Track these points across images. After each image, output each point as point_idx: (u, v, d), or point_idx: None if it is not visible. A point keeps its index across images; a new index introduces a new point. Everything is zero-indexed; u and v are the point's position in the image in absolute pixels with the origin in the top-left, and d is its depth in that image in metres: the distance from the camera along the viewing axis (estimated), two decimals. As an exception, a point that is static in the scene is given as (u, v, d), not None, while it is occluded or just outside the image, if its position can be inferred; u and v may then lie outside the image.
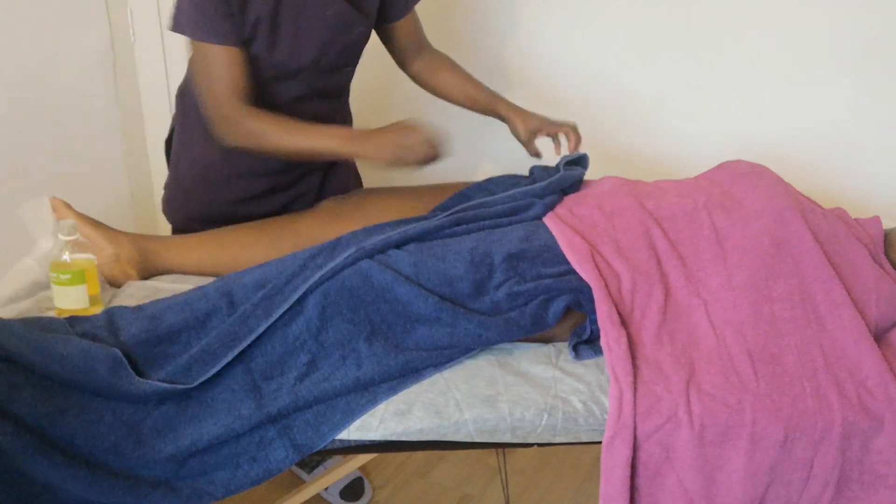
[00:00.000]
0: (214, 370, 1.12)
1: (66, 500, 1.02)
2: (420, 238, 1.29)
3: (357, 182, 1.71)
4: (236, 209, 1.52)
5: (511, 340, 1.24)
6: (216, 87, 1.33)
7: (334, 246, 1.28)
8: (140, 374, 1.11)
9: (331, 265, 1.20)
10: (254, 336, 1.15)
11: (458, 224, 1.33)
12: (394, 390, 1.13)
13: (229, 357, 1.13)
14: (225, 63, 1.33)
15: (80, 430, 1.04)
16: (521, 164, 1.65)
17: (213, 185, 1.52)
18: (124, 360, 1.10)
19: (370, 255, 1.23)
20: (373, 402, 1.12)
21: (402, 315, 1.19)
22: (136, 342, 1.14)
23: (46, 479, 1.01)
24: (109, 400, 1.09)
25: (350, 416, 1.10)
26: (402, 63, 1.63)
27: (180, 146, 1.53)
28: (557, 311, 1.21)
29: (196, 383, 1.11)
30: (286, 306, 1.17)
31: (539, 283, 1.22)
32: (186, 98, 1.49)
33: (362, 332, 1.17)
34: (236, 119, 1.34)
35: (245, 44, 1.34)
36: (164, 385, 1.09)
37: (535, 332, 1.23)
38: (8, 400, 1.03)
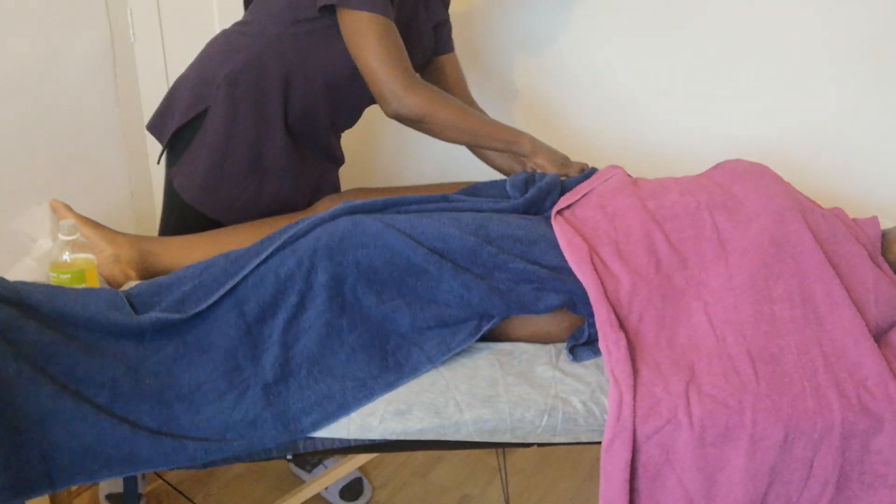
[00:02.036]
0: (207, 304, 1.16)
1: (51, 440, 1.02)
2: (411, 204, 1.34)
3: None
4: (282, 200, 1.54)
5: (492, 313, 1.23)
6: (396, 57, 1.40)
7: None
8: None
9: (322, 215, 1.24)
10: (246, 271, 1.18)
11: (445, 200, 1.37)
12: (390, 386, 1.14)
13: (221, 291, 1.16)
14: (397, 36, 1.41)
15: (83, 361, 1.08)
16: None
17: (269, 173, 1.52)
18: (123, 298, 1.16)
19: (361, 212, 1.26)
20: (368, 396, 1.12)
21: (389, 262, 1.19)
22: (138, 292, 1.21)
23: (35, 411, 1.03)
24: (111, 340, 1.12)
25: (345, 408, 1.11)
26: None
27: (228, 134, 1.50)
28: (550, 304, 1.22)
29: (189, 314, 1.14)
30: (277, 244, 1.20)
31: (535, 269, 1.22)
32: (240, 84, 1.47)
33: (349, 277, 1.19)
34: (416, 85, 1.41)
35: None
36: (158, 315, 1.13)
37: (519, 312, 1.22)
38: (14, 328, 1.07)
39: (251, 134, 1.50)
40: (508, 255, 1.22)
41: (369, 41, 1.39)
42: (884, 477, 1.10)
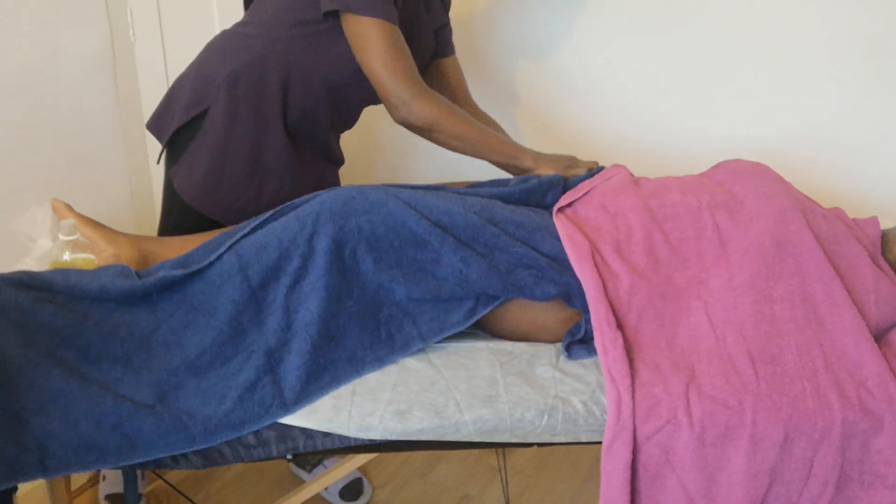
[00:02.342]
0: (209, 260, 1.19)
1: (49, 429, 1.03)
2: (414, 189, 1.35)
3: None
4: (281, 201, 1.53)
5: (489, 293, 1.23)
6: (403, 63, 1.40)
7: None
8: None
9: (324, 190, 1.27)
10: (246, 229, 1.21)
11: (444, 189, 1.38)
12: (380, 361, 1.17)
13: (222, 249, 1.19)
14: (403, 42, 1.40)
15: (97, 341, 1.11)
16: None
17: (269, 174, 1.52)
18: (132, 270, 1.22)
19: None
20: (359, 370, 1.16)
21: (391, 230, 1.20)
22: (145, 271, 1.25)
23: (37, 398, 1.04)
24: (124, 312, 1.15)
25: (336, 381, 1.14)
26: None
27: (228, 135, 1.50)
28: (547, 293, 1.22)
29: (192, 269, 1.18)
30: (278, 210, 1.24)
31: (536, 255, 1.22)
32: (240, 85, 1.47)
33: (349, 241, 1.19)
34: (425, 94, 1.40)
35: None
36: (163, 273, 1.17)
37: (515, 295, 1.23)
38: (29, 312, 1.10)
39: (251, 135, 1.50)
40: (510, 238, 1.23)
41: (377, 47, 1.39)
42: (884, 477, 1.10)
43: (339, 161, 1.67)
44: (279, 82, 1.47)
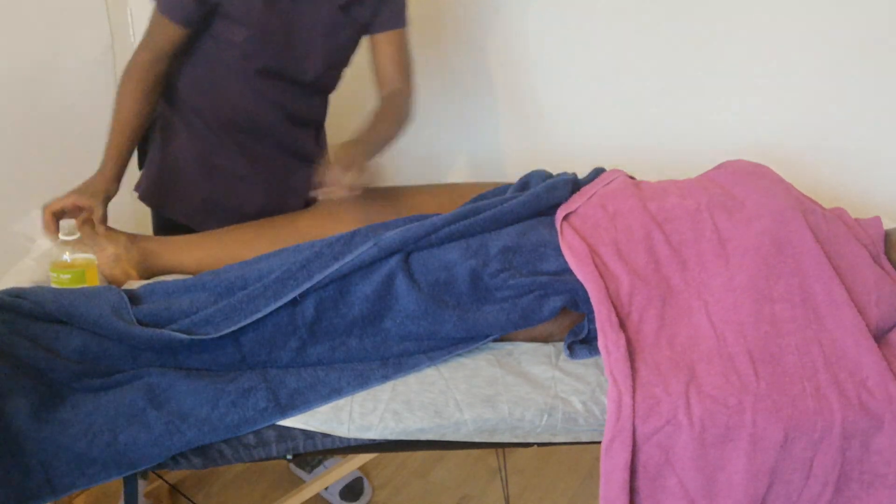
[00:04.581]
0: (210, 336, 1.15)
1: (48, 447, 1.03)
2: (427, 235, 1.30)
3: None
4: (242, 201, 1.55)
5: (501, 334, 1.24)
6: (142, 48, 1.45)
7: (352, 237, 1.28)
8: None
9: (349, 258, 1.21)
10: (258, 315, 1.16)
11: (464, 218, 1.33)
12: (386, 378, 1.15)
13: (229, 328, 1.15)
14: (159, 29, 1.43)
15: (75, 364, 1.10)
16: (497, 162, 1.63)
17: (219, 173, 1.54)
18: (126, 299, 1.16)
19: (386, 252, 1.23)
20: (363, 385, 1.14)
21: (392, 309, 1.21)
22: (145, 292, 1.22)
23: (31, 421, 1.03)
24: (109, 352, 1.13)
25: (338, 392, 1.13)
26: (377, 87, 1.60)
27: (171, 138, 1.53)
28: (553, 308, 1.22)
29: (189, 338, 1.13)
30: (298, 292, 1.18)
31: (535, 278, 1.22)
32: (178, 88, 1.51)
33: (355, 327, 1.20)
34: (126, 71, 1.46)
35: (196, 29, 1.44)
36: (159, 332, 1.13)
37: (525, 326, 1.23)
38: (10, 344, 1.08)
39: (194, 135, 1.52)
40: (508, 271, 1.23)
41: (147, 31, 1.45)
42: (883, 477, 1.10)
43: (311, 157, 1.60)
44: (201, 82, 1.50)
